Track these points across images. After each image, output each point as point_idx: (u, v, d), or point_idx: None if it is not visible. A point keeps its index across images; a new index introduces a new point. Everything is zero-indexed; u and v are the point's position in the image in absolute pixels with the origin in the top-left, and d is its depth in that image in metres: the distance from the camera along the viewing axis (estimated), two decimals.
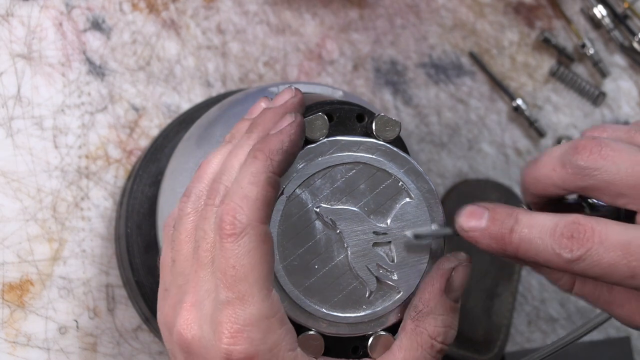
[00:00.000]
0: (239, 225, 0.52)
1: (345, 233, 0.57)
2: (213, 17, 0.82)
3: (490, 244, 0.54)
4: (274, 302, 0.53)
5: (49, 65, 0.77)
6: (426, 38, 0.87)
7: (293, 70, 0.84)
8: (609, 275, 0.51)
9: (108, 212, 0.78)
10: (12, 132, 0.76)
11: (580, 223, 0.51)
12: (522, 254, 0.53)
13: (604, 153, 0.51)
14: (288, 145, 0.54)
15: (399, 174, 0.58)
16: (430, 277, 0.58)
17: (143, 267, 0.74)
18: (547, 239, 0.52)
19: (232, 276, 0.53)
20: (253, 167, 0.53)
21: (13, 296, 0.75)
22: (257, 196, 0.53)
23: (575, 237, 0.51)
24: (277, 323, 0.53)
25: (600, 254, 0.50)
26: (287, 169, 0.55)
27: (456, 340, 0.83)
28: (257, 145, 0.54)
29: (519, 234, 0.53)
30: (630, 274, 0.50)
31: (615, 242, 0.50)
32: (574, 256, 0.51)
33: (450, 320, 0.57)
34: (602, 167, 0.51)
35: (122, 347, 0.77)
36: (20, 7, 0.77)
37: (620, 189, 0.51)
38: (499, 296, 0.84)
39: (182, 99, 0.80)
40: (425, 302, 0.57)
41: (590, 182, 0.52)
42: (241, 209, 0.52)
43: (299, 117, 0.55)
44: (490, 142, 0.89)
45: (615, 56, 0.91)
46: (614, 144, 0.52)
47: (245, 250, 0.52)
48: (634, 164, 0.51)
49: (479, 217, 0.55)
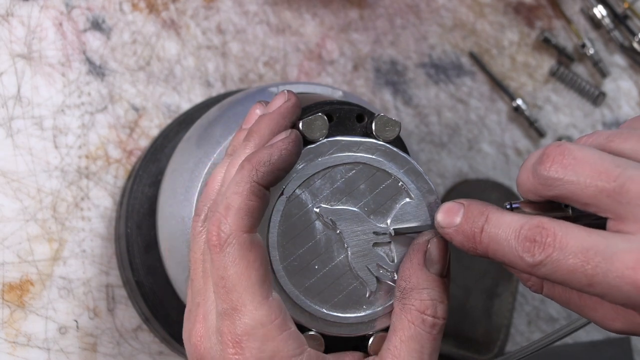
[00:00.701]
0: (222, 235, 0.53)
1: (345, 233, 0.57)
2: (213, 17, 0.82)
3: (462, 241, 0.54)
4: (271, 309, 0.53)
5: (49, 65, 0.77)
6: (426, 38, 0.87)
7: (293, 70, 0.84)
8: (569, 281, 0.49)
9: (108, 212, 0.78)
10: (12, 132, 0.76)
11: (544, 227, 0.50)
12: (491, 254, 0.52)
13: (565, 162, 0.50)
14: (277, 158, 0.54)
15: (398, 174, 0.58)
16: (408, 254, 0.57)
17: (143, 267, 0.74)
18: (512, 240, 0.51)
19: (222, 287, 0.53)
20: (238, 176, 0.54)
21: (13, 296, 0.75)
22: (240, 205, 0.53)
23: (537, 241, 0.50)
24: (275, 330, 0.53)
25: (560, 260, 0.49)
26: (275, 182, 0.54)
27: (456, 340, 0.83)
28: (247, 157, 0.55)
29: (489, 233, 0.52)
30: (587, 282, 0.49)
31: (574, 248, 0.49)
32: (535, 261, 0.50)
33: (436, 293, 0.56)
34: (564, 177, 0.50)
35: (122, 347, 0.77)
36: (20, 7, 0.77)
37: (583, 199, 0.49)
38: (499, 296, 0.84)
39: (182, 99, 0.80)
40: (407, 279, 0.56)
41: (556, 192, 0.50)
42: (224, 218, 0.53)
43: (293, 133, 0.55)
44: (490, 142, 0.89)
45: (615, 56, 0.91)
46: (579, 151, 0.50)
47: (230, 260, 0.53)
48: (595, 173, 0.49)
49: (455, 214, 0.54)
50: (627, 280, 0.47)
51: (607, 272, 0.48)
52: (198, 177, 0.66)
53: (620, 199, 0.48)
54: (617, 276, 0.47)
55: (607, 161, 0.49)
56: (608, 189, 0.48)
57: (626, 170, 0.48)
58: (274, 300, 0.54)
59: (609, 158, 0.49)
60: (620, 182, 0.48)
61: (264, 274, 0.53)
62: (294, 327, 0.55)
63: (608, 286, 0.48)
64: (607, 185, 0.48)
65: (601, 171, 0.49)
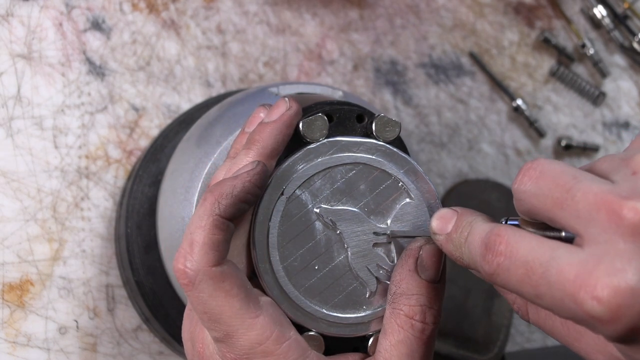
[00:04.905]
0: (190, 273, 0.52)
1: (345, 234, 0.57)
2: (213, 17, 0.82)
3: (450, 250, 0.53)
4: (263, 326, 0.53)
5: (49, 65, 0.77)
6: (426, 38, 0.87)
7: (293, 70, 0.84)
8: (520, 292, 0.47)
9: (108, 212, 0.78)
10: (12, 132, 0.76)
11: (499, 234, 0.48)
12: (470, 267, 0.51)
13: (532, 175, 0.48)
14: (239, 190, 0.53)
15: (399, 175, 0.58)
16: (400, 260, 0.56)
17: (143, 267, 0.74)
18: (477, 248, 0.50)
19: (208, 320, 0.54)
20: (200, 210, 0.53)
21: (13, 296, 0.75)
22: (204, 240, 0.52)
23: (490, 249, 0.48)
24: (272, 345, 0.53)
25: (510, 269, 0.47)
26: (238, 214, 0.54)
27: (456, 340, 0.83)
28: (210, 187, 0.54)
29: (469, 243, 0.51)
30: (534, 293, 0.46)
31: (521, 257, 0.47)
32: (490, 269, 0.48)
33: (425, 299, 0.55)
34: (529, 189, 0.48)
35: (122, 347, 0.77)
36: (20, 7, 0.77)
37: (544, 212, 0.47)
38: (499, 296, 0.84)
39: (182, 99, 0.80)
40: (397, 284, 0.56)
41: (525, 206, 0.48)
42: (190, 255, 0.53)
43: (259, 166, 0.55)
44: (490, 142, 0.89)
45: (615, 56, 0.91)
46: (548, 165, 0.47)
47: (206, 295, 0.53)
48: (553, 185, 0.46)
49: (448, 222, 0.53)
50: (567, 293, 0.44)
51: (550, 284, 0.45)
52: (198, 177, 0.66)
53: (570, 211, 0.46)
54: (558, 289, 0.45)
55: (568, 174, 0.47)
56: (560, 200, 0.46)
57: (580, 183, 0.46)
58: (265, 316, 0.54)
59: (571, 171, 0.47)
60: (572, 194, 0.46)
61: (245, 297, 0.53)
62: (294, 333, 0.55)
63: (552, 299, 0.45)
64: (559, 196, 0.46)
65: (558, 183, 0.46)
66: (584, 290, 0.44)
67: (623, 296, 0.43)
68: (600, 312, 0.43)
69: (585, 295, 0.44)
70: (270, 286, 0.56)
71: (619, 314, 0.43)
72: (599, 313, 0.43)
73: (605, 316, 0.43)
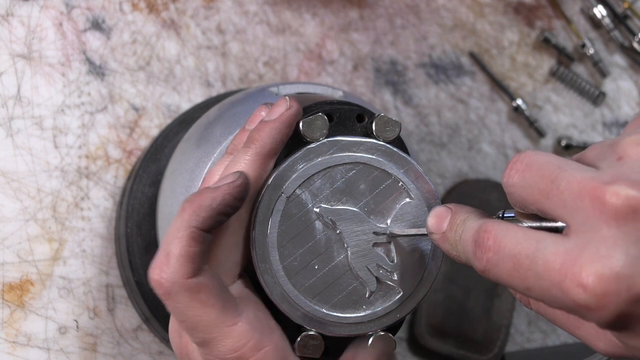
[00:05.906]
0: (165, 284, 0.53)
1: (345, 233, 0.57)
2: (213, 17, 0.82)
3: (447, 249, 0.53)
4: (241, 334, 0.54)
5: (49, 65, 0.77)
6: (426, 38, 0.87)
7: (293, 70, 0.83)
8: (511, 286, 0.47)
9: (108, 212, 0.78)
10: (12, 132, 0.76)
11: (487, 230, 0.48)
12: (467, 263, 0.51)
13: (518, 168, 0.48)
14: (219, 203, 0.53)
15: (399, 174, 0.58)
16: None
17: (143, 267, 0.74)
18: (469, 246, 0.49)
19: (187, 327, 0.54)
20: (178, 221, 0.53)
21: (13, 296, 0.75)
22: (180, 252, 0.52)
23: (479, 245, 0.48)
24: (250, 351, 0.54)
25: (499, 264, 0.47)
26: (216, 226, 0.54)
27: (456, 340, 0.83)
28: (189, 198, 0.54)
29: (463, 241, 0.51)
30: (524, 285, 0.46)
31: (509, 251, 0.47)
32: (481, 265, 0.48)
33: None
34: (517, 182, 0.48)
35: (122, 347, 0.77)
36: (20, 7, 0.77)
37: (531, 203, 0.47)
38: (499, 296, 0.84)
39: (182, 99, 0.80)
40: None
41: (514, 199, 0.48)
42: (165, 266, 0.52)
43: (240, 178, 0.54)
44: (490, 142, 0.88)
45: (615, 56, 0.91)
46: (533, 156, 0.47)
47: (183, 306, 0.53)
48: (538, 175, 0.46)
49: (442, 220, 0.53)
50: (554, 283, 0.44)
51: (537, 275, 0.45)
52: (198, 177, 0.66)
53: (556, 201, 0.46)
54: (546, 280, 0.45)
55: (553, 164, 0.46)
56: (546, 190, 0.46)
57: (564, 172, 0.46)
58: (243, 324, 0.54)
59: (556, 161, 0.47)
60: (557, 183, 0.46)
61: (222, 306, 0.53)
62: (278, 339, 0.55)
63: (541, 290, 0.45)
64: (545, 187, 0.46)
65: (544, 174, 0.46)
66: (569, 279, 0.44)
67: (608, 283, 0.43)
68: (586, 300, 0.43)
69: (571, 284, 0.44)
70: (270, 286, 0.56)
71: (605, 300, 0.43)
72: (586, 301, 0.43)
73: (592, 304, 0.43)
